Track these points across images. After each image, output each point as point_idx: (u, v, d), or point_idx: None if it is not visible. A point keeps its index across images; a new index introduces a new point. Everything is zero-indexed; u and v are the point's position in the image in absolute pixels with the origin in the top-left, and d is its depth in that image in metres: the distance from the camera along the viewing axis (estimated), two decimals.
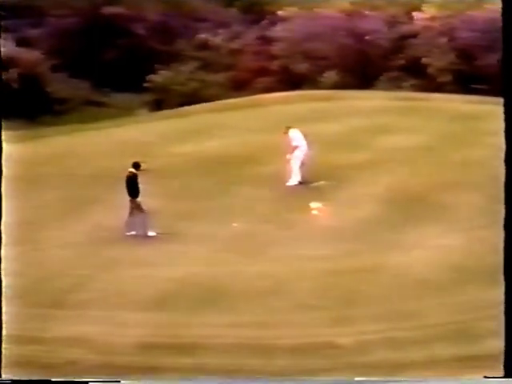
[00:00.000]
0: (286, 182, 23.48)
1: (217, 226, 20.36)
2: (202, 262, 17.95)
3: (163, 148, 28.38)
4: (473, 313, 14.27)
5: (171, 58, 44.16)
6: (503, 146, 11.12)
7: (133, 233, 19.99)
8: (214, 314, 15.12)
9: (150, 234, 19.91)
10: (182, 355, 13.68)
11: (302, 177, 23.59)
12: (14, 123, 36.05)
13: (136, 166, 20.27)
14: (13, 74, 39.64)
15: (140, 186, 20.03)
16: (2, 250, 17.39)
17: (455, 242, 18.39)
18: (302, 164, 23.60)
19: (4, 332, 13.50)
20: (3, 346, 13.17)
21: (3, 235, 17.25)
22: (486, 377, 11.79)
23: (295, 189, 22.86)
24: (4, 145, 28.04)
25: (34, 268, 17.83)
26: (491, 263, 14.19)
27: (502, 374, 11.08)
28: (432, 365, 13.14)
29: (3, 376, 12.10)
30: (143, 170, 20.39)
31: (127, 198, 20.11)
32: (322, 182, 23.22)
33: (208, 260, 18.05)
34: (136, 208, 20.05)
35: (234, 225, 20.38)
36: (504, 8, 10.78)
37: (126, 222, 20.15)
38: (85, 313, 15.36)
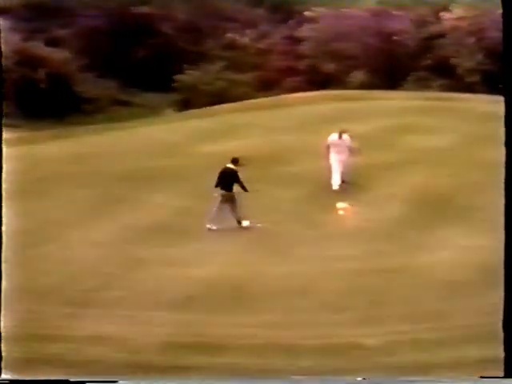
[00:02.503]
0: (331, 183, 23.21)
1: (243, 226, 20.41)
2: (228, 261, 17.97)
3: (190, 147, 28.47)
4: (500, 314, 14.16)
5: (199, 58, 44.36)
6: None
7: (214, 227, 20.23)
8: (239, 314, 15.12)
9: (245, 223, 20.36)
10: (208, 355, 13.68)
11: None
12: (42, 123, 36.39)
13: (235, 161, 20.58)
14: (41, 73, 39.97)
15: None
16: (30, 249, 17.59)
17: (482, 242, 18.27)
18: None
19: (30, 330, 13.62)
20: (29, 344, 13.30)
21: (31, 234, 17.44)
22: (482, 377, 11.71)
23: (321, 189, 22.81)
24: (33, 144, 28.41)
25: (61, 266, 17.92)
26: None
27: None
28: (459, 366, 13.06)
29: (3, 375, 12.16)
30: (241, 165, 20.68)
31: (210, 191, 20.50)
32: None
33: (234, 260, 18.07)
34: (229, 201, 20.36)
35: (259, 225, 20.39)
36: (504, 8, 10.68)
37: (212, 215, 20.39)
38: (112, 311, 15.41)
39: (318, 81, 41.90)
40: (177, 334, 14.43)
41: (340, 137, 23.26)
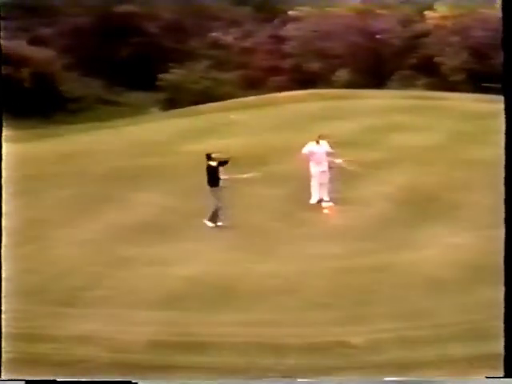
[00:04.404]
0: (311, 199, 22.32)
1: (228, 225, 20.39)
2: (214, 260, 17.96)
3: (176, 146, 28.46)
4: (485, 312, 14.20)
5: (184, 57, 44.31)
6: None
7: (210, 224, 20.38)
8: (225, 313, 15.10)
9: (219, 223, 20.34)
10: (193, 353, 13.66)
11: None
12: (27, 122, 36.24)
13: (208, 157, 20.64)
14: (25, 72, 39.79)
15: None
16: (15, 248, 17.49)
17: (467, 240, 18.36)
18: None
19: (16, 330, 13.55)
20: (15, 344, 13.23)
21: (15, 233, 17.34)
22: (488, 377, 11.73)
23: (306, 188, 22.79)
24: (17, 144, 28.23)
25: (46, 266, 17.87)
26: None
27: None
28: (445, 364, 13.08)
29: (3, 376, 12.10)
30: (217, 159, 20.66)
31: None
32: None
33: (219, 258, 18.06)
34: (215, 197, 20.49)
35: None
36: (504, 7, 10.72)
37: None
38: (97, 311, 15.37)
39: (303, 80, 41.93)
40: (163, 332, 14.40)
41: (317, 143, 22.31)
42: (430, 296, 15.59)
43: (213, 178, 20.54)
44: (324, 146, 22.40)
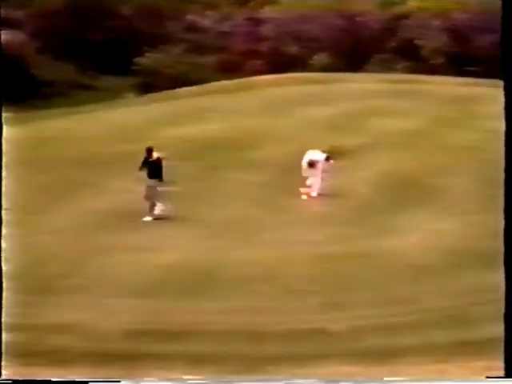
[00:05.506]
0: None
1: (206, 211, 20.20)
2: (192, 247, 17.79)
3: (152, 132, 28.15)
4: (468, 297, 14.16)
5: (159, 40, 43.89)
6: (498, 129, 10.90)
7: (148, 218, 20.08)
8: (203, 300, 14.95)
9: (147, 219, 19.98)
10: (172, 342, 13.48)
11: None
12: None
13: (149, 151, 20.49)
14: None
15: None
16: None
17: (450, 226, 18.31)
18: None
19: None
20: None
21: None
22: (488, 377, 11.60)
23: (286, 174, 22.62)
24: None
25: (22, 253, 17.53)
26: (486, 247, 14.09)
27: (498, 360, 10.88)
28: (427, 350, 12.97)
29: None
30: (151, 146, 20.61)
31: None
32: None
33: (198, 246, 17.90)
34: (152, 190, 20.35)
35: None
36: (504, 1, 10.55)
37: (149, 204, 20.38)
38: (74, 299, 15.17)
39: (282, 63, 41.67)
40: (140, 321, 14.22)
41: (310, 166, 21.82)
42: (412, 282, 15.51)
43: (155, 170, 20.24)
44: (318, 155, 22.00)
